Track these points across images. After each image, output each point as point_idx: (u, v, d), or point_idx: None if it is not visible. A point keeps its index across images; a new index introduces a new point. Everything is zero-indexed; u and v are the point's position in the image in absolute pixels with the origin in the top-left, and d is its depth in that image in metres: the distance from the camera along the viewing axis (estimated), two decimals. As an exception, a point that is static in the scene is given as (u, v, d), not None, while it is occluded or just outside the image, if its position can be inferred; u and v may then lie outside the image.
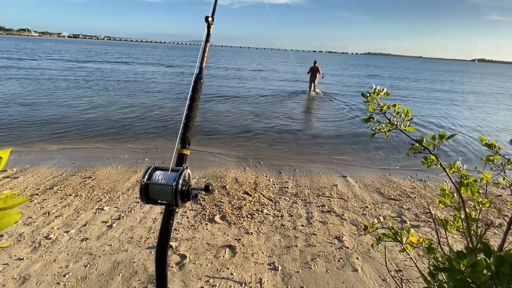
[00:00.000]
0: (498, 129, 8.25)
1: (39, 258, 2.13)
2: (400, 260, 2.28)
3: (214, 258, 2.22)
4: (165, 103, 8.81)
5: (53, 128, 5.82)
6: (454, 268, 0.67)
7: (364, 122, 1.17)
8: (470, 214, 1.26)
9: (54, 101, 8.24)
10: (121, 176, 3.75)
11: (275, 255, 2.30)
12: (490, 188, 3.49)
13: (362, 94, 1.15)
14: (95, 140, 5.27)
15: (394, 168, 4.65)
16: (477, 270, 0.61)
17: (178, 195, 0.71)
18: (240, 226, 2.69)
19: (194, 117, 0.91)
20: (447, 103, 12.70)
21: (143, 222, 2.69)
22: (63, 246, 2.29)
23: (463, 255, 0.67)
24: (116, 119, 6.70)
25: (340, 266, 2.20)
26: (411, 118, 1.13)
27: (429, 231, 2.75)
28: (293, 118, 7.82)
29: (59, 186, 3.36)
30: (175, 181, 0.71)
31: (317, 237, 2.56)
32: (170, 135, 5.75)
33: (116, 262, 2.14)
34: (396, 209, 3.20)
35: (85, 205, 2.95)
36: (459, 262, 0.67)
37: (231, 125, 6.77)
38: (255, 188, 3.55)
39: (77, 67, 18.04)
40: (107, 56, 31.38)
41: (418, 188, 3.81)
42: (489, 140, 1.19)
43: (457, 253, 0.68)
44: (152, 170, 0.74)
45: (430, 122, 8.40)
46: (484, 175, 1.27)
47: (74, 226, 2.58)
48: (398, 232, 1.36)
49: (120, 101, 8.76)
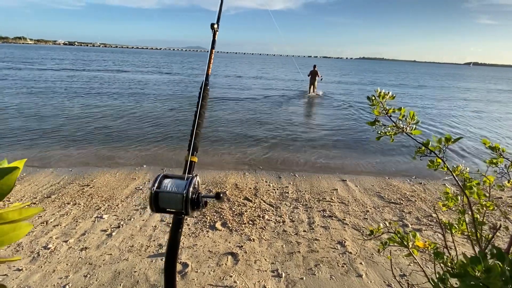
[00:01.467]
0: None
1: (38, 269, 2.08)
2: (404, 265, 2.26)
3: (216, 266, 2.19)
4: (164, 110, 8.80)
5: (50, 135, 5.77)
6: (469, 274, 0.66)
7: (369, 125, 1.17)
8: (476, 217, 1.26)
9: (50, 109, 8.18)
10: (119, 183, 3.71)
11: (278, 261, 2.27)
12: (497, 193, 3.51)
13: (367, 97, 1.16)
14: (93, 147, 5.22)
15: (393, 171, 4.66)
16: (492, 276, 0.61)
17: (188, 203, 0.70)
18: (242, 232, 2.66)
19: (202, 123, 0.90)
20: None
21: (143, 230, 2.65)
22: (62, 256, 2.24)
23: (477, 260, 0.66)
24: (113, 126, 6.66)
25: (344, 271, 2.18)
26: (417, 121, 1.13)
27: (431, 235, 2.75)
28: (292, 123, 7.85)
29: (57, 195, 3.31)
30: (185, 189, 0.70)
31: (319, 243, 2.55)
32: (168, 141, 5.73)
33: (117, 271, 2.10)
34: (397, 213, 3.20)
35: (83, 214, 2.91)
36: (473, 267, 0.66)
37: (230, 130, 6.77)
38: (256, 193, 3.53)
39: (73, 75, 18.00)
40: (107, 63, 31.36)
41: (418, 192, 3.82)
42: (492, 143, 1.20)
43: (471, 258, 0.67)
44: (161, 178, 0.73)
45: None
46: (487, 178, 1.28)
47: (73, 235, 2.53)
48: (404, 236, 1.35)
49: (118, 108, 8.73)
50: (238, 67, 38.01)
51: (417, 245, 1.33)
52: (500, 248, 0.66)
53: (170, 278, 0.77)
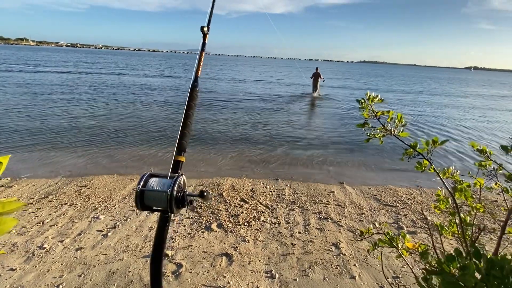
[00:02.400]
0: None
1: (32, 269, 2.09)
2: (397, 267, 2.27)
3: (210, 267, 2.20)
4: (162, 112, 8.83)
5: (48, 137, 5.79)
6: (445, 272, 0.68)
7: (359, 127, 1.20)
8: (464, 219, 1.27)
9: (49, 110, 8.22)
10: (117, 184, 3.73)
11: (272, 263, 2.28)
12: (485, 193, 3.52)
13: (357, 100, 1.18)
14: (91, 149, 5.25)
15: (390, 174, 4.67)
16: (467, 273, 0.62)
17: (173, 202, 0.71)
18: (237, 234, 2.67)
19: (190, 124, 0.92)
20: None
21: (139, 230, 2.66)
22: (57, 256, 2.25)
23: (453, 258, 0.68)
24: (112, 128, 6.69)
25: (338, 273, 2.19)
26: (404, 124, 1.16)
27: (425, 237, 2.75)
28: (290, 125, 7.87)
29: (54, 195, 3.33)
30: (170, 188, 0.71)
31: (314, 244, 2.55)
32: (166, 143, 5.75)
33: (111, 271, 2.11)
34: (393, 216, 3.20)
35: (80, 214, 2.92)
36: (449, 265, 0.68)
37: (228, 132, 6.79)
38: (252, 195, 3.54)
39: (72, 77, 18.09)
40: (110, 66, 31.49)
41: (414, 194, 3.83)
42: (480, 146, 1.22)
43: (447, 256, 0.69)
44: (147, 177, 0.75)
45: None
46: (477, 180, 1.30)
47: (68, 235, 2.54)
48: (394, 237, 1.36)
49: (116, 110, 8.77)
50: (241, 69, 38.16)
51: (406, 246, 1.34)
52: (477, 247, 0.68)
53: (156, 276, 0.78)
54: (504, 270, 0.61)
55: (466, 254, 1.03)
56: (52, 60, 33.85)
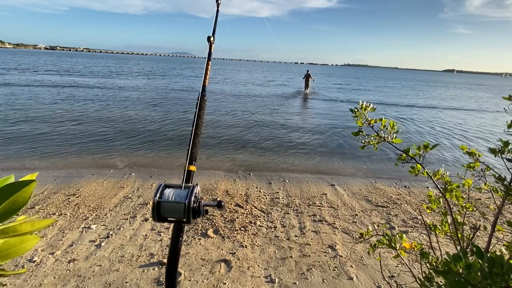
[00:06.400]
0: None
1: (23, 283, 2.01)
2: (392, 266, 2.34)
3: (209, 274, 2.18)
4: (151, 117, 8.69)
5: (33, 143, 5.57)
6: (452, 271, 0.72)
7: (354, 135, 1.24)
8: (456, 218, 1.35)
9: (33, 115, 7.90)
10: (107, 192, 3.64)
11: (271, 267, 2.29)
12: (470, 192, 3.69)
13: (350, 110, 1.23)
14: (78, 156, 5.09)
15: (379, 175, 4.81)
16: (472, 271, 0.67)
17: (190, 212, 0.72)
18: (234, 239, 2.67)
19: (200, 133, 0.93)
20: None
21: (133, 239, 2.61)
22: (49, 269, 2.17)
23: (459, 258, 0.72)
24: (99, 134, 6.52)
25: (336, 275, 2.23)
26: (397, 131, 1.21)
27: (416, 236, 2.86)
28: (281, 128, 7.94)
29: (41, 205, 3.20)
30: (187, 199, 0.72)
31: (311, 247, 2.59)
32: (155, 149, 5.66)
33: (107, 283, 2.05)
34: (384, 216, 3.30)
35: (70, 224, 2.83)
36: (455, 264, 0.72)
37: (219, 136, 6.77)
38: (247, 200, 3.55)
39: (59, 80, 17.47)
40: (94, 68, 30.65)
41: (403, 195, 3.96)
42: (469, 148, 1.30)
43: (453, 256, 0.73)
44: (163, 188, 0.76)
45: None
46: (466, 181, 1.37)
47: (59, 247, 2.46)
48: (392, 238, 1.41)
49: (104, 115, 8.55)
50: (229, 71, 38.13)
51: (404, 246, 1.40)
52: (479, 246, 0.73)
53: (171, 286, 0.79)
54: (504, 267, 0.66)
55: (461, 251, 1.09)
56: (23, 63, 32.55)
